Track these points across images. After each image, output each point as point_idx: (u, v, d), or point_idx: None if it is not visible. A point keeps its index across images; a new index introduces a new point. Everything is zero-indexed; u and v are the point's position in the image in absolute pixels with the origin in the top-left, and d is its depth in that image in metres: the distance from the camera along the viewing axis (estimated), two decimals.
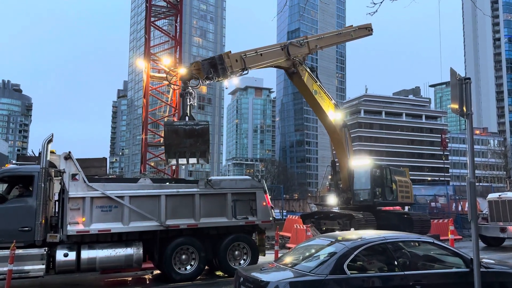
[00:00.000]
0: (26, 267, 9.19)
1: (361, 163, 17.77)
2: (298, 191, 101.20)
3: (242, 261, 11.23)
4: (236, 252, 11.22)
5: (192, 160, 11.77)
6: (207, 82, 13.38)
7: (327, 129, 17.77)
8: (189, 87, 12.38)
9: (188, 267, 10.66)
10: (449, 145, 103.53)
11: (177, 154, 11.52)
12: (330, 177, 18.87)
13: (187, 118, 11.98)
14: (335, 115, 17.18)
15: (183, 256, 10.63)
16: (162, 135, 30.35)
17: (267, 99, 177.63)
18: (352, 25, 20.22)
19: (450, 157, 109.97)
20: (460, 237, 20.27)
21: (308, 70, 16.95)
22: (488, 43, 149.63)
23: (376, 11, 7.59)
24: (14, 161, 11.95)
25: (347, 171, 17.15)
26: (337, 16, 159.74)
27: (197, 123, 11.52)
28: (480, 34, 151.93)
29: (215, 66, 13.07)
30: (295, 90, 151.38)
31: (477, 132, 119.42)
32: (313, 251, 6.25)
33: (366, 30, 20.16)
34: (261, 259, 11.42)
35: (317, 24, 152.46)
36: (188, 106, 12.22)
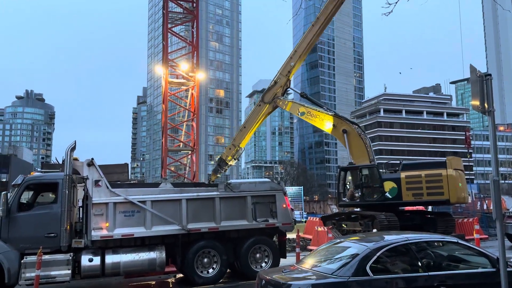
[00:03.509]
0: (53, 273, 9.40)
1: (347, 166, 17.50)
2: (318, 193, 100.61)
3: (263, 264, 11.22)
4: (258, 255, 11.22)
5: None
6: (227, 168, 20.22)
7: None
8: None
9: (210, 270, 10.73)
10: (472, 142, 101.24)
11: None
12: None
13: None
14: (334, 125, 17.91)
15: (205, 260, 10.70)
16: (182, 139, 30.58)
17: None
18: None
19: (473, 155, 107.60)
20: (486, 236, 19.78)
21: (288, 100, 19.89)
22: (510, 38, 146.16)
23: (391, 11, 7.51)
24: (38, 169, 12.27)
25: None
26: (354, 16, 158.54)
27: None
28: (502, 28, 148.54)
29: (220, 165, 19.64)
30: (312, 91, 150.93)
31: (501, 128, 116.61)
32: (334, 253, 6.20)
33: None
34: (283, 261, 11.40)
35: (333, 24, 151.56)
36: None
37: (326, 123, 18.10)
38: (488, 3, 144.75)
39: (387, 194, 15.66)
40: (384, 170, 16.95)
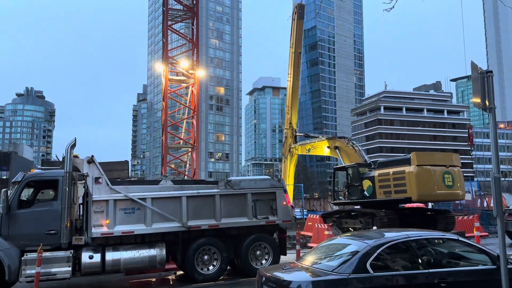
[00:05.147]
0: (53, 270, 9.39)
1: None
2: (318, 190, 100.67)
3: (264, 261, 11.24)
4: (258, 252, 11.23)
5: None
6: None
7: None
8: None
9: (211, 267, 10.73)
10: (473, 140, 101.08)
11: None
12: None
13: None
14: (329, 146, 20.80)
15: (205, 257, 10.71)
16: (182, 137, 30.59)
17: (284, 99, 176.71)
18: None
19: (474, 152, 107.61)
20: (486, 233, 19.79)
21: (297, 145, 24.11)
22: (510, 35, 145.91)
23: (393, 7, 7.47)
24: (39, 166, 12.25)
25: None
26: (354, 13, 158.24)
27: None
28: (502, 25, 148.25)
29: None
30: (313, 89, 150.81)
31: (502, 126, 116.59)
32: (335, 250, 6.20)
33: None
34: (283, 258, 11.41)
35: (333, 22, 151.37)
36: None
37: (324, 149, 20.96)
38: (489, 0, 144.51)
39: (365, 192, 15.88)
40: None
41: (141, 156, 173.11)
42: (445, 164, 14.65)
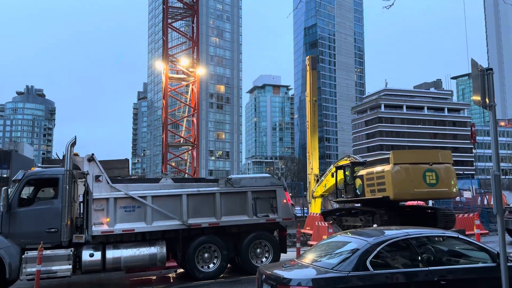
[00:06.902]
0: (54, 268, 9.42)
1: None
2: None
3: (264, 259, 11.26)
4: (258, 250, 11.25)
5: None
6: None
7: None
8: None
9: (211, 265, 10.75)
10: None
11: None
12: None
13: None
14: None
15: (206, 255, 10.73)
16: (182, 135, 30.64)
17: (285, 97, 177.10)
18: None
19: (474, 150, 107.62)
20: (487, 231, 19.81)
21: (315, 188, 25.10)
22: (511, 32, 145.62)
23: (393, 4, 7.46)
24: (39, 164, 12.27)
25: None
26: (355, 11, 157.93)
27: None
28: (503, 23, 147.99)
29: None
30: None
31: (502, 123, 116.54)
32: (335, 248, 6.20)
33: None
34: (283, 256, 11.43)
35: (334, 19, 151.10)
36: None
37: (333, 172, 21.65)
38: None
39: (357, 190, 16.05)
40: None
41: (142, 154, 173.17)
42: (428, 162, 14.46)
